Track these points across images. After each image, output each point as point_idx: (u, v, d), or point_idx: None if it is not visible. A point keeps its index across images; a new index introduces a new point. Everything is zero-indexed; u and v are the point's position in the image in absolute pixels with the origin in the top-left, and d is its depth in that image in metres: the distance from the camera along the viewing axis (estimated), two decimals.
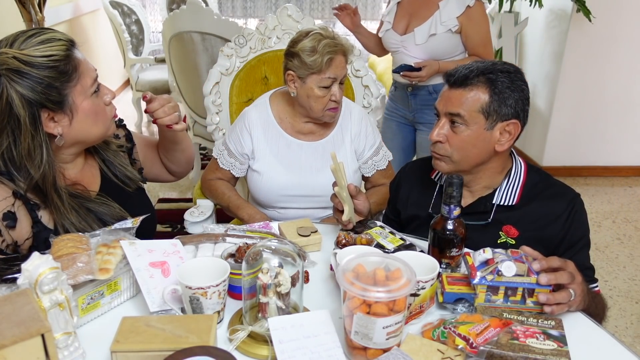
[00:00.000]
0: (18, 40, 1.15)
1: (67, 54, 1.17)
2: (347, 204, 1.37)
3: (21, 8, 3.28)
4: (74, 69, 1.18)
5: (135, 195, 1.42)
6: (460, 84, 1.31)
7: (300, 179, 1.74)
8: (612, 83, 3.80)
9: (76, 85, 1.18)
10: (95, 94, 1.23)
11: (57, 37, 1.18)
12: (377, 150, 1.82)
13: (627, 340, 2.35)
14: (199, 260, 1.12)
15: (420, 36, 2.29)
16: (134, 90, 4.58)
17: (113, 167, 1.38)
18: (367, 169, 1.83)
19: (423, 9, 2.32)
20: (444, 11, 2.26)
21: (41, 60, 1.13)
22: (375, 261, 0.98)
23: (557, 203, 1.35)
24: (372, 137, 1.81)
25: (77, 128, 1.22)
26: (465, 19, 2.26)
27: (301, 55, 1.60)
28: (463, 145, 1.32)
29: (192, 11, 2.89)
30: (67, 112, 1.19)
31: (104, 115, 1.26)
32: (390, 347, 0.94)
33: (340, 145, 1.77)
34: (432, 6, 2.29)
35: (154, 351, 0.89)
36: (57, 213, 1.21)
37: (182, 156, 1.56)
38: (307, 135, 1.76)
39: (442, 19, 2.26)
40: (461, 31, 2.29)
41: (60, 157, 1.27)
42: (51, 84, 1.15)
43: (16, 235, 1.18)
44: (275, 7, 5.67)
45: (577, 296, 1.07)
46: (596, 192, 3.81)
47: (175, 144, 1.51)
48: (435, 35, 2.27)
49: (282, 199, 1.76)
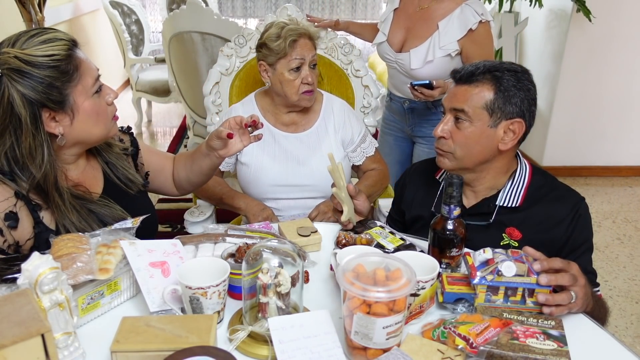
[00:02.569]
0: (20, 39, 1.15)
1: (68, 53, 1.17)
2: (347, 205, 1.37)
3: (21, 8, 3.28)
4: (75, 68, 1.18)
5: (137, 197, 1.41)
6: (466, 80, 1.32)
7: (287, 169, 1.79)
8: (612, 83, 3.80)
9: (77, 85, 1.18)
10: (97, 94, 1.23)
11: (58, 36, 1.18)
12: (364, 138, 1.89)
13: (627, 340, 2.36)
14: (199, 260, 1.12)
15: (416, 60, 2.07)
16: (134, 90, 4.58)
17: (115, 170, 1.38)
18: (356, 157, 1.90)
19: (421, 27, 2.10)
20: (443, 33, 2.02)
21: (42, 60, 1.13)
22: (375, 261, 0.98)
23: (561, 206, 1.34)
24: (358, 126, 1.88)
25: (79, 128, 1.22)
26: (467, 41, 2.02)
27: (267, 44, 1.70)
28: (466, 142, 1.32)
29: (192, 11, 2.89)
30: (68, 112, 1.19)
31: (105, 116, 1.26)
32: (390, 347, 0.94)
33: (324, 136, 1.83)
34: (431, 25, 2.06)
35: (154, 351, 0.89)
36: (58, 212, 1.21)
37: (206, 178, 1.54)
38: (291, 127, 1.83)
39: (441, 42, 2.03)
40: (461, 52, 2.06)
41: (62, 157, 1.27)
42: (52, 84, 1.15)
43: (18, 236, 1.18)
44: (275, 7, 5.67)
45: (578, 299, 1.07)
46: (596, 192, 3.81)
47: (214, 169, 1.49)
48: (432, 61, 2.05)
49: (272, 189, 1.80)
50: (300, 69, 1.69)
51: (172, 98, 4.45)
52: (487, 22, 2.02)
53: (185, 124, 4.53)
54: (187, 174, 1.51)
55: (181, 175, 1.53)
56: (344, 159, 1.87)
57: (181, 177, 1.53)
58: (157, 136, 4.86)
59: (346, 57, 2.04)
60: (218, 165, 1.45)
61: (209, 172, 1.49)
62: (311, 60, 1.71)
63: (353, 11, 5.83)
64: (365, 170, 1.94)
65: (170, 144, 4.53)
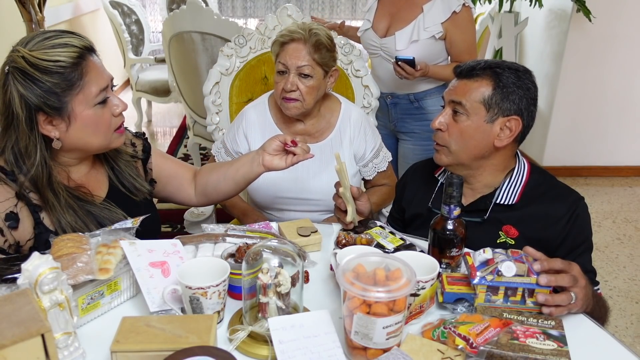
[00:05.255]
0: (33, 40, 1.15)
1: (75, 61, 1.15)
2: (350, 205, 1.38)
3: (21, 8, 3.28)
4: (80, 77, 1.16)
5: (141, 204, 1.38)
6: (466, 74, 1.34)
7: (297, 181, 1.72)
8: (612, 83, 3.80)
9: (79, 94, 1.16)
10: (101, 104, 1.20)
11: (71, 42, 1.15)
12: (377, 153, 1.81)
13: (627, 340, 2.36)
14: (199, 260, 1.12)
15: (401, 41, 2.15)
16: (134, 90, 4.58)
17: (121, 177, 1.36)
18: (368, 172, 1.81)
19: (405, 11, 2.19)
20: (427, 16, 2.12)
21: (46, 65, 1.12)
22: (375, 261, 0.98)
23: (558, 205, 1.34)
24: (372, 140, 1.79)
25: (75, 136, 1.20)
26: (450, 25, 2.14)
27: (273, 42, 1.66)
28: (461, 135, 1.33)
29: (192, 11, 2.89)
30: (64, 119, 1.17)
31: (105, 127, 1.23)
32: (390, 347, 0.94)
33: (338, 148, 1.75)
34: (416, 9, 2.15)
35: (154, 351, 0.89)
36: (53, 211, 1.20)
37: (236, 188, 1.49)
38: (304, 137, 1.74)
39: (426, 24, 2.12)
40: (445, 37, 2.16)
41: (62, 159, 1.26)
42: (51, 90, 1.14)
43: (18, 236, 1.18)
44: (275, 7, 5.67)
45: (578, 300, 1.07)
46: (596, 192, 3.81)
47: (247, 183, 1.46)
48: (417, 41, 2.14)
49: (279, 200, 1.75)
50: (286, 73, 1.61)
51: (172, 98, 4.45)
52: (469, 7, 2.16)
53: (185, 124, 4.52)
54: (217, 179, 1.46)
55: (210, 180, 1.47)
56: (356, 174, 1.80)
57: (209, 182, 1.47)
58: (157, 136, 4.86)
59: (346, 57, 2.04)
60: (254, 176, 1.42)
61: (242, 182, 1.44)
62: (297, 69, 1.59)
63: (353, 11, 5.83)
64: (375, 185, 1.86)
65: (170, 144, 4.53)
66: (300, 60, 1.59)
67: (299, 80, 1.60)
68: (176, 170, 1.50)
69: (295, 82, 1.60)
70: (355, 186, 1.43)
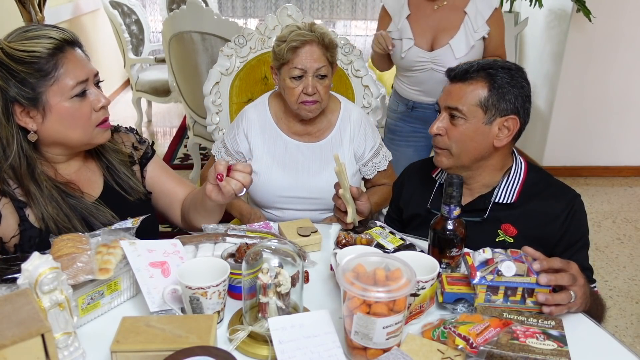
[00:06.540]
0: (15, 33, 1.17)
1: (51, 52, 1.15)
2: (350, 206, 1.38)
3: (21, 8, 3.28)
4: (54, 68, 1.15)
5: (136, 204, 1.36)
6: (460, 78, 1.33)
7: (297, 180, 1.72)
8: (612, 83, 3.80)
9: (53, 85, 1.16)
10: (79, 97, 1.19)
11: (49, 34, 1.16)
12: (377, 152, 1.80)
13: (627, 340, 2.35)
14: (199, 260, 1.12)
15: (459, 49, 2.13)
16: (134, 90, 4.58)
17: (116, 175, 1.35)
18: (368, 171, 1.81)
19: (448, 19, 2.15)
20: (473, 18, 2.12)
21: (21, 55, 1.14)
22: (375, 261, 0.98)
23: (556, 203, 1.35)
24: (372, 139, 1.79)
25: (51, 128, 1.19)
26: (492, 22, 2.14)
27: (274, 46, 1.63)
28: (462, 138, 1.33)
29: (192, 11, 2.89)
30: (40, 110, 1.17)
31: (84, 121, 1.21)
32: (390, 347, 0.94)
33: (338, 148, 1.74)
34: (458, 14, 2.14)
35: (154, 351, 0.89)
36: (35, 203, 1.20)
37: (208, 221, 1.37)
38: (304, 137, 1.74)
39: (474, 26, 2.12)
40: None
41: (47, 155, 1.25)
42: (26, 80, 1.14)
43: (1, 232, 1.19)
44: (275, 7, 5.66)
45: (577, 298, 1.07)
46: (596, 192, 3.81)
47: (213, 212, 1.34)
48: (474, 46, 2.14)
49: (279, 199, 1.75)
50: (302, 77, 1.59)
51: (172, 98, 4.44)
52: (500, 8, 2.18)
53: (185, 124, 4.52)
54: (189, 206, 1.39)
55: (188, 206, 1.40)
56: (356, 173, 1.80)
57: (190, 209, 1.39)
58: (157, 136, 4.86)
59: (346, 57, 2.04)
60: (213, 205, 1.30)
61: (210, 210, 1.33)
62: (316, 71, 1.58)
63: (353, 11, 5.82)
64: (375, 184, 1.85)
65: (170, 144, 4.53)
66: (317, 62, 1.59)
67: (317, 82, 1.61)
68: (169, 188, 1.45)
69: (314, 85, 1.60)
70: (355, 186, 1.43)
